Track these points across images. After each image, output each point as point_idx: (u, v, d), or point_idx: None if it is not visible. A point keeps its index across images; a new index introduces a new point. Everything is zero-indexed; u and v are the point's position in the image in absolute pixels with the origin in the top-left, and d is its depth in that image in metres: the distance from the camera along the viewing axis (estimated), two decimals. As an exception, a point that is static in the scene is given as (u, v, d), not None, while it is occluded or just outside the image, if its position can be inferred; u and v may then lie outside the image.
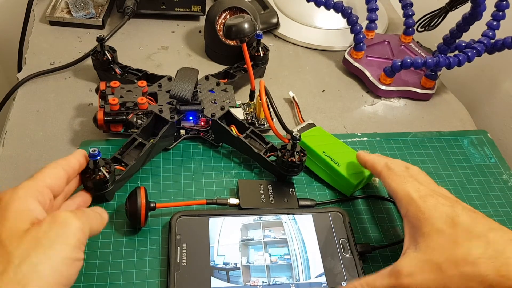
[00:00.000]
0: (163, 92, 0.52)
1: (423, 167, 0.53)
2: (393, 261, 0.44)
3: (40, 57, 0.63)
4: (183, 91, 0.49)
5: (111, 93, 0.49)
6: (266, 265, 0.42)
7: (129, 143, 0.47)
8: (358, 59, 0.66)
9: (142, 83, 0.51)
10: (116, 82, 0.50)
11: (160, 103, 0.51)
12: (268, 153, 0.50)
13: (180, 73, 0.51)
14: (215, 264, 0.41)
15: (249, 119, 0.56)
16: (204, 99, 0.52)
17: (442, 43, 0.66)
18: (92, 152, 0.40)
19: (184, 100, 0.49)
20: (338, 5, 0.63)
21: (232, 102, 0.53)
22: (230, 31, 0.50)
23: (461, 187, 0.53)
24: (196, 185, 0.49)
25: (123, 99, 0.49)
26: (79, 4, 0.68)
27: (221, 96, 0.53)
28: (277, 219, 0.45)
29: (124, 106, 0.49)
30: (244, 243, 0.43)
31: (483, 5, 0.58)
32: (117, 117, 0.49)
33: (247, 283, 0.40)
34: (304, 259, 0.42)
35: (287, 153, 0.46)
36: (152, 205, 0.44)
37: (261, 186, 0.48)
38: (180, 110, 0.50)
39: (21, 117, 0.55)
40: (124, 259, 0.42)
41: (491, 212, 0.50)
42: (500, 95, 0.75)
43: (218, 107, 0.52)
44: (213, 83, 0.54)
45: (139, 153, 0.46)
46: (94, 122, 0.49)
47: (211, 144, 0.53)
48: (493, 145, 0.58)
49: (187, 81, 0.49)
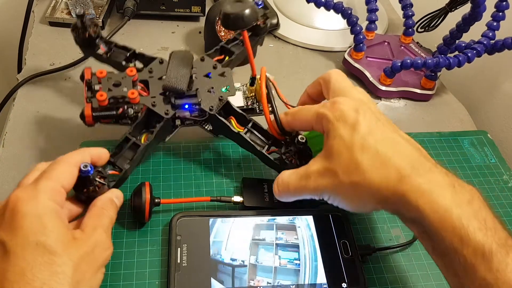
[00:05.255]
0: (155, 79, 0.47)
1: (423, 167, 0.53)
2: (393, 262, 0.44)
3: (40, 58, 0.63)
4: (178, 82, 0.44)
5: (97, 82, 0.45)
6: (274, 267, 0.42)
7: (123, 144, 0.44)
8: (358, 59, 0.66)
9: (132, 71, 0.45)
10: (102, 71, 0.45)
11: (153, 93, 0.46)
12: (271, 149, 0.47)
13: (173, 59, 0.45)
14: (221, 259, 0.41)
15: (249, 105, 0.51)
16: (201, 88, 0.46)
17: (442, 44, 0.66)
18: (84, 168, 0.37)
19: (179, 92, 0.44)
20: (338, 6, 0.63)
21: (232, 90, 0.47)
22: (228, 19, 0.43)
23: (462, 188, 0.53)
24: (200, 180, 0.49)
25: (112, 93, 0.44)
26: (79, 5, 0.68)
27: (218, 82, 0.48)
28: (291, 222, 0.45)
29: (113, 99, 0.44)
30: (255, 242, 0.43)
31: (483, 6, 0.58)
32: (106, 112, 0.45)
33: (251, 281, 0.40)
34: (313, 266, 0.42)
35: (290, 154, 0.45)
36: (156, 200, 0.44)
37: (265, 185, 0.48)
38: (174, 105, 0.45)
39: (21, 117, 0.55)
40: (124, 260, 0.42)
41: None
42: (500, 95, 0.75)
43: (216, 98, 0.46)
44: (209, 66, 0.49)
45: (133, 155, 0.43)
46: (81, 119, 0.45)
47: (214, 143, 0.53)
48: (493, 145, 0.58)
49: (181, 69, 0.44)
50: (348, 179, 0.36)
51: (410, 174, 0.34)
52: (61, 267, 0.31)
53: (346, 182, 0.37)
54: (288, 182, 0.41)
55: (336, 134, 0.37)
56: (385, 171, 0.35)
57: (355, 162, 0.36)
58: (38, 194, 0.33)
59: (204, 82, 0.47)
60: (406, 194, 0.34)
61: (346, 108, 0.38)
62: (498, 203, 0.51)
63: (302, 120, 0.42)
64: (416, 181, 0.34)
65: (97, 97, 0.43)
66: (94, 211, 0.37)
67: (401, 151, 0.36)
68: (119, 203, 0.40)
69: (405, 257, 0.45)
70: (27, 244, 0.31)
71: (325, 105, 0.40)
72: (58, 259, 0.31)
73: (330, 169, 0.38)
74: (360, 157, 0.36)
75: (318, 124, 0.40)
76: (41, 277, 0.30)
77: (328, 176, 0.38)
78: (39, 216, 0.32)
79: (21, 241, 0.31)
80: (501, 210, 0.51)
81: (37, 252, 0.30)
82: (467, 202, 0.33)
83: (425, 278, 0.44)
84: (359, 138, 0.36)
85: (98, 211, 0.37)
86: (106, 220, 0.37)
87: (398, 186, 0.34)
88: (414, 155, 0.36)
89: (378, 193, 0.35)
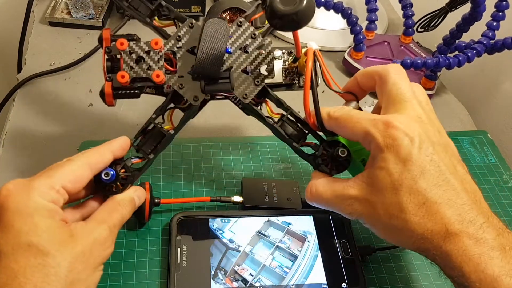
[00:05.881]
0: (184, 52, 0.39)
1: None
2: (393, 262, 0.44)
3: (40, 58, 0.63)
4: (211, 65, 0.37)
5: (118, 52, 0.39)
6: (263, 264, 0.42)
7: (146, 130, 0.40)
8: (358, 59, 0.66)
9: (157, 43, 0.39)
10: (123, 42, 0.39)
11: (180, 71, 0.39)
12: (306, 142, 0.41)
13: (207, 32, 0.37)
14: (222, 236, 0.43)
15: (288, 80, 0.43)
16: (235, 68, 0.39)
17: (442, 44, 0.66)
18: (105, 177, 0.35)
19: (211, 77, 0.38)
20: (338, 6, 0.63)
21: (271, 74, 0.41)
22: (289, 20, 0.33)
23: (461, 188, 0.53)
24: (200, 180, 0.49)
25: (134, 72, 0.38)
26: (79, 5, 0.67)
27: (256, 60, 0.40)
28: (303, 234, 0.44)
29: (136, 79, 0.39)
30: (259, 235, 0.44)
31: (483, 6, 0.58)
32: (128, 91, 0.40)
33: (236, 266, 0.41)
34: (300, 282, 0.41)
35: (327, 160, 0.40)
36: (156, 200, 0.44)
37: (265, 185, 0.48)
38: (204, 90, 0.39)
39: (20, 118, 0.55)
40: (124, 260, 0.42)
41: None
42: (500, 95, 0.75)
43: (251, 82, 0.40)
44: (247, 34, 0.40)
45: (158, 142, 0.39)
46: (101, 97, 0.40)
47: (214, 143, 0.53)
48: (493, 145, 0.58)
49: (215, 48, 0.37)
50: (388, 220, 0.33)
51: (457, 232, 0.31)
52: (55, 268, 0.30)
53: (386, 222, 0.34)
54: (322, 195, 0.37)
55: (384, 165, 0.33)
56: (431, 223, 0.32)
57: (399, 205, 0.33)
58: (30, 191, 0.31)
59: (239, 58, 0.40)
60: (450, 254, 0.31)
61: (401, 135, 0.33)
62: (498, 203, 0.51)
63: (347, 132, 0.37)
64: (464, 243, 0.31)
65: (118, 78, 0.38)
66: (108, 205, 0.36)
67: (453, 199, 0.32)
68: (139, 202, 0.39)
69: (405, 257, 0.45)
70: (18, 245, 0.30)
71: (377, 125, 0.34)
72: (51, 260, 0.30)
73: (370, 202, 0.34)
74: (406, 200, 0.32)
75: (365, 143, 0.35)
76: (34, 279, 0.29)
77: (367, 207, 0.35)
78: (30, 215, 0.30)
79: (12, 241, 0.30)
80: (501, 210, 0.51)
81: (29, 254, 0.29)
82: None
83: (425, 278, 0.44)
84: (409, 178, 0.32)
85: (112, 206, 0.36)
86: (117, 217, 0.35)
87: (443, 244, 0.32)
88: (466, 205, 0.32)
89: (419, 242, 0.33)
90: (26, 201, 0.31)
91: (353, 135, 0.36)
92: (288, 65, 0.43)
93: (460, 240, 0.31)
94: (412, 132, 0.33)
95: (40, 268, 0.29)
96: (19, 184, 0.32)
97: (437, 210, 0.32)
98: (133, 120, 0.56)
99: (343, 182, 0.36)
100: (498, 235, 0.32)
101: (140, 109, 0.57)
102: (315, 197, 0.38)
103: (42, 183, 0.32)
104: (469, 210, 0.32)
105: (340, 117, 0.37)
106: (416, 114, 0.35)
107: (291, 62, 0.43)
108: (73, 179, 0.34)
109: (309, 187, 0.39)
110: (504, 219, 0.50)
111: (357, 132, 0.35)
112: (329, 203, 0.37)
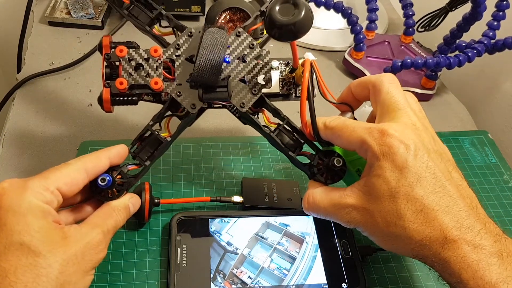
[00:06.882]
0: (182, 60, 0.40)
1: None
2: (394, 262, 0.44)
3: (40, 57, 0.63)
4: (209, 74, 0.37)
5: (117, 59, 0.40)
6: (262, 266, 0.42)
7: (143, 137, 0.40)
8: (358, 59, 0.66)
9: (156, 51, 0.40)
10: (122, 49, 0.39)
11: (179, 78, 0.39)
12: (302, 151, 0.42)
13: (206, 42, 0.37)
14: (219, 239, 0.43)
15: (285, 90, 0.43)
16: (233, 76, 0.40)
17: (442, 43, 0.66)
18: (101, 183, 0.35)
19: (209, 86, 0.39)
20: (338, 6, 0.63)
21: (268, 84, 0.41)
22: (287, 30, 0.33)
23: (462, 188, 0.52)
24: (200, 180, 0.49)
25: (133, 79, 0.39)
26: (78, 4, 0.67)
27: (253, 69, 0.41)
28: (301, 235, 0.44)
29: (134, 88, 0.40)
30: (257, 237, 0.43)
31: (483, 5, 0.58)
32: (126, 97, 0.40)
33: (235, 268, 0.41)
34: (299, 283, 0.41)
35: (323, 170, 0.40)
36: (156, 200, 0.44)
37: (265, 185, 0.48)
38: (202, 98, 0.39)
39: (20, 118, 0.55)
40: (124, 260, 0.42)
41: (492, 213, 0.50)
42: (501, 95, 0.75)
43: (248, 91, 0.40)
44: (245, 45, 0.40)
45: (154, 149, 0.40)
46: (99, 103, 0.41)
47: (214, 143, 0.53)
48: (494, 145, 0.58)
49: (214, 57, 0.37)
50: (386, 228, 0.33)
51: (455, 239, 0.31)
52: (46, 269, 0.30)
53: (384, 230, 0.34)
54: (319, 204, 0.38)
55: (381, 173, 0.33)
56: (429, 229, 0.32)
57: (397, 212, 0.33)
58: (24, 191, 0.31)
59: (237, 69, 0.40)
60: (449, 261, 0.32)
61: (396, 143, 0.33)
62: (498, 203, 0.51)
63: (343, 141, 0.37)
64: (462, 250, 0.31)
65: (117, 85, 0.38)
66: (103, 210, 0.36)
67: (450, 206, 0.32)
68: (133, 210, 0.39)
69: (406, 257, 0.45)
70: (10, 244, 0.29)
71: (372, 133, 0.34)
72: (43, 261, 0.30)
73: (368, 210, 0.34)
74: (403, 208, 0.32)
75: (362, 152, 0.36)
76: (24, 279, 0.29)
77: (365, 216, 0.35)
78: (23, 214, 0.30)
79: (4, 240, 0.30)
80: (501, 210, 0.51)
81: (20, 253, 0.29)
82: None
83: (425, 278, 0.44)
84: (406, 185, 0.33)
85: (107, 212, 0.36)
86: (111, 222, 0.35)
87: (441, 250, 0.32)
88: (463, 212, 0.32)
89: (417, 249, 0.33)
90: (20, 200, 0.31)
91: (349, 144, 0.36)
92: (285, 76, 0.43)
93: (458, 247, 0.31)
94: (407, 140, 0.33)
95: (31, 268, 0.29)
96: (14, 184, 0.32)
97: (434, 216, 0.32)
98: (132, 121, 0.56)
99: (340, 191, 0.36)
100: (496, 241, 0.32)
101: (140, 109, 0.56)
102: (313, 207, 0.38)
103: (37, 183, 0.32)
104: (466, 216, 0.32)
105: (336, 126, 0.37)
106: (411, 122, 0.35)
107: (288, 72, 0.43)
108: (69, 181, 0.34)
109: (306, 197, 0.39)
110: (504, 219, 0.50)
111: (353, 141, 0.36)
112: (326, 213, 0.37)
